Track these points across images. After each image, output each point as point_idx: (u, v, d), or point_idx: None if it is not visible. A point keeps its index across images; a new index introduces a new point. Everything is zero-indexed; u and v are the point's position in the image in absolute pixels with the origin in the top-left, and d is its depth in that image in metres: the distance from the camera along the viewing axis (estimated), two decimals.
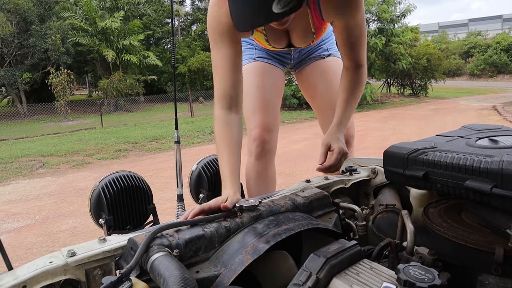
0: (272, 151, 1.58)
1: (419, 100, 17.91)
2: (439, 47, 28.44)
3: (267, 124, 1.54)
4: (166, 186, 4.80)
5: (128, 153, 7.54)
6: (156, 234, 0.77)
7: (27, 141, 9.28)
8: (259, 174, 1.57)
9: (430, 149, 1.01)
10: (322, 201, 1.07)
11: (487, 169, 0.84)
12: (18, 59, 14.42)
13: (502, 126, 1.22)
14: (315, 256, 0.67)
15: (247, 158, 1.57)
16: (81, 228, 3.71)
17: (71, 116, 13.83)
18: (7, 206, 4.54)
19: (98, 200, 1.42)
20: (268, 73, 1.58)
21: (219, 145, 1.09)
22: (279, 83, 1.64)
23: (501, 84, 27.00)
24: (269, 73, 1.58)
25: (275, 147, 1.59)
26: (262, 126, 1.53)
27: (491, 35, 38.34)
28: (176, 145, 2.10)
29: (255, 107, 1.55)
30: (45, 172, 6.21)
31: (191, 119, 12.27)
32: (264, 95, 1.55)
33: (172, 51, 2.33)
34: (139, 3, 17.30)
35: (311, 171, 5.35)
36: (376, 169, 1.34)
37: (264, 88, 1.56)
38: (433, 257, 0.81)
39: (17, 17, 13.79)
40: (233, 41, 1.10)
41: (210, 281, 0.76)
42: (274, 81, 1.60)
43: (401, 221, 0.94)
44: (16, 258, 3.07)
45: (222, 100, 1.11)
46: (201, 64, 18.96)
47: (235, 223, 0.87)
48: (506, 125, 2.08)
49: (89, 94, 24.51)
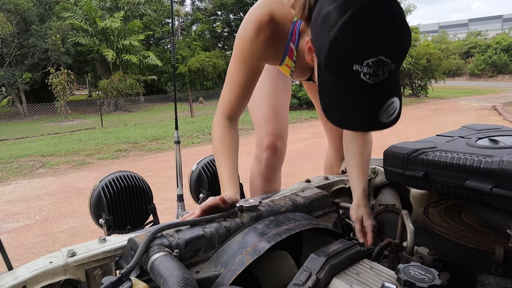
0: (283, 157, 1.54)
1: (419, 100, 17.91)
2: (439, 47, 28.46)
3: (280, 131, 1.50)
4: (166, 186, 4.80)
5: (128, 153, 7.54)
6: (156, 234, 0.77)
7: (27, 141, 9.28)
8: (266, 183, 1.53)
9: (430, 149, 1.01)
10: (322, 201, 1.07)
11: (487, 169, 0.84)
12: (18, 59, 14.42)
13: (502, 126, 1.22)
14: (315, 256, 0.67)
15: (255, 165, 1.53)
16: (81, 228, 3.71)
17: (71, 116, 13.83)
18: (7, 206, 4.54)
19: (98, 200, 1.42)
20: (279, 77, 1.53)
21: (218, 147, 1.09)
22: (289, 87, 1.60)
23: (501, 84, 27.00)
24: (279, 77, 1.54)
25: (285, 152, 1.55)
26: (275, 133, 1.48)
27: (491, 35, 38.35)
28: (176, 145, 2.10)
29: (268, 113, 1.49)
30: (45, 172, 6.21)
31: (191, 119, 12.27)
32: (277, 101, 1.50)
33: (172, 51, 2.33)
34: (139, 3, 17.30)
35: (311, 171, 5.35)
36: (376, 169, 1.34)
37: (277, 93, 1.51)
38: (433, 257, 0.81)
39: (17, 17, 13.79)
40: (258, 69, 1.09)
41: (210, 281, 0.76)
42: (284, 84, 1.54)
43: (401, 221, 0.94)
44: (16, 258, 3.07)
45: (226, 111, 1.12)
46: (201, 64, 18.96)
47: (235, 223, 0.87)
48: (506, 125, 2.08)
49: (89, 94, 24.51)
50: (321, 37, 0.70)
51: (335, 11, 0.68)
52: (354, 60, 0.67)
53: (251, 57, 1.04)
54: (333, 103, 0.77)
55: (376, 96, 0.73)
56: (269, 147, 1.48)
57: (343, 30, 0.66)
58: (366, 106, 0.74)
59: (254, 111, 1.54)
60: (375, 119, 0.74)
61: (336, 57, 0.69)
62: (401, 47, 0.69)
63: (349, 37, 0.67)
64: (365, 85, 0.69)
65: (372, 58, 0.66)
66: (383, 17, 0.67)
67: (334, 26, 0.67)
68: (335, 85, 0.74)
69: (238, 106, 1.12)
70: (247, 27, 1.01)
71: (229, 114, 1.13)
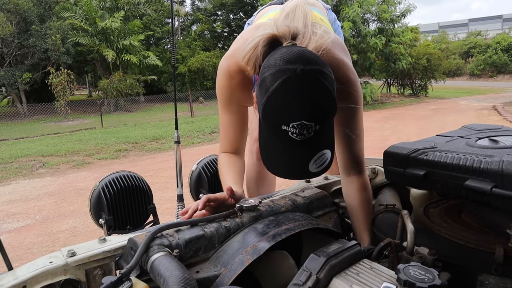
0: None
1: (419, 100, 17.91)
2: (439, 47, 28.46)
3: None
4: (166, 186, 4.80)
5: (128, 153, 7.54)
6: (156, 234, 0.77)
7: (27, 141, 9.28)
8: (260, 174, 1.56)
9: (430, 149, 1.01)
10: (322, 201, 1.07)
11: (487, 169, 0.84)
12: (18, 59, 14.42)
13: (502, 126, 1.22)
14: (315, 256, 0.67)
15: (248, 158, 1.56)
16: (81, 228, 3.71)
17: (71, 116, 13.83)
18: (7, 206, 4.54)
19: (98, 200, 1.42)
20: None
21: (223, 169, 1.12)
22: None
23: (501, 84, 27.00)
24: None
25: None
26: None
27: (491, 35, 38.33)
28: (176, 145, 2.10)
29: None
30: (45, 172, 6.21)
31: (191, 119, 12.27)
32: None
33: (172, 51, 2.33)
34: (139, 3, 17.29)
35: None
36: (376, 169, 1.34)
37: None
38: (433, 257, 0.81)
39: (17, 17, 13.79)
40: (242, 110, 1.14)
41: (210, 281, 0.76)
42: None
43: (401, 221, 0.94)
44: (16, 258, 3.07)
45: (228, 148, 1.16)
46: (201, 64, 18.96)
47: (235, 223, 0.87)
48: (506, 125, 2.08)
49: (89, 94, 24.51)
50: (259, 96, 0.80)
51: (267, 79, 0.77)
52: (282, 121, 0.76)
53: (230, 100, 1.11)
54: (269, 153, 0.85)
55: (305, 151, 0.81)
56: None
57: (273, 95, 0.76)
58: (296, 158, 0.82)
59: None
60: (305, 169, 0.82)
61: (268, 116, 0.78)
62: (324, 113, 0.77)
63: (277, 101, 0.76)
64: (295, 141, 0.77)
65: (295, 122, 0.75)
66: (307, 87, 0.75)
67: (267, 91, 0.77)
68: (271, 138, 0.83)
69: (237, 143, 1.16)
70: (220, 75, 1.09)
71: (231, 150, 1.16)
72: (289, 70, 0.75)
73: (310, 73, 0.75)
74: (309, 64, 0.76)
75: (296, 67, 0.75)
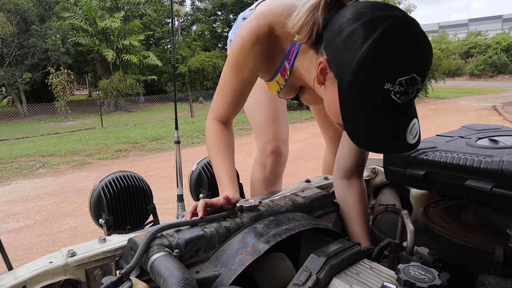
0: (286, 161, 1.51)
1: (419, 100, 17.90)
2: (439, 47, 28.41)
3: (283, 135, 1.47)
4: (166, 186, 4.79)
5: (128, 153, 7.54)
6: (156, 234, 0.77)
7: (27, 141, 9.28)
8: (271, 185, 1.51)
9: (430, 149, 1.01)
10: (322, 201, 1.07)
11: (487, 169, 0.84)
12: (18, 59, 14.42)
13: (502, 126, 1.22)
14: (315, 256, 0.67)
15: (258, 171, 1.51)
16: (81, 228, 3.71)
17: (71, 116, 13.83)
18: (7, 206, 4.54)
19: (98, 200, 1.42)
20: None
21: (213, 150, 1.07)
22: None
23: (501, 84, 26.99)
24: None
25: (287, 156, 1.52)
26: (278, 137, 1.45)
27: (491, 35, 38.36)
28: (176, 145, 2.10)
29: (269, 117, 1.45)
30: (45, 172, 6.21)
31: (191, 119, 12.28)
32: (276, 105, 1.47)
33: (172, 51, 2.33)
34: (139, 3, 17.30)
35: (311, 171, 5.35)
36: (376, 169, 1.34)
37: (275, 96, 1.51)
38: (433, 257, 0.81)
39: (17, 17, 13.79)
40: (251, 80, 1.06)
41: (210, 281, 0.76)
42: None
43: (401, 221, 0.94)
44: (16, 258, 3.07)
45: (219, 115, 1.10)
46: (201, 64, 18.96)
47: (235, 223, 0.87)
48: (506, 125, 2.08)
49: (89, 94, 24.52)
50: (344, 57, 0.67)
51: (362, 29, 0.65)
52: (386, 78, 0.64)
53: (244, 67, 1.00)
54: (357, 125, 0.73)
55: (404, 118, 0.70)
56: (274, 153, 1.45)
57: (375, 47, 0.63)
58: (394, 127, 0.71)
59: (253, 116, 1.50)
60: (403, 140, 0.71)
61: (365, 76, 0.65)
62: (429, 65, 0.67)
63: (381, 54, 0.64)
64: (394, 105, 0.66)
65: (406, 76, 0.63)
66: (414, 34, 0.65)
67: (363, 44, 0.64)
68: (361, 106, 0.70)
69: (231, 111, 1.10)
70: (244, 36, 0.95)
71: (222, 118, 1.10)
72: (390, 16, 0.63)
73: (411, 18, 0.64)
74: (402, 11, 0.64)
75: (396, 12, 0.64)
